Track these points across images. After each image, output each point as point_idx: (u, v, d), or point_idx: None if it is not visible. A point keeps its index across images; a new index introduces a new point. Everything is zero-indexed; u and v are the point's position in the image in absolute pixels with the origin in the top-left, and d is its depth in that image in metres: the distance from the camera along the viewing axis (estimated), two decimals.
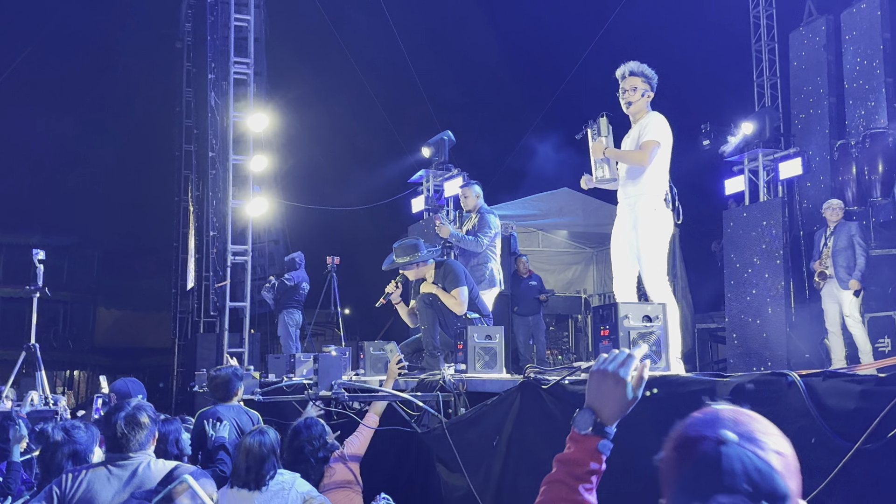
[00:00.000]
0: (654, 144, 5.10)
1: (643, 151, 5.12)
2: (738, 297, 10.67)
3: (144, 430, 3.47)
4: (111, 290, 28.11)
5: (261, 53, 13.29)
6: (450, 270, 6.43)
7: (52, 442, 3.72)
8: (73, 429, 3.80)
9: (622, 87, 5.33)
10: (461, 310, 6.31)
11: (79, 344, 26.97)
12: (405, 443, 5.50)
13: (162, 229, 21.70)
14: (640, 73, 5.31)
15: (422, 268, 6.57)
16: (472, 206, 7.78)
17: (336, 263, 11.46)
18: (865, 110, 11.60)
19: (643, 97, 5.29)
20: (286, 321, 11.70)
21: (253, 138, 11.99)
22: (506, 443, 4.14)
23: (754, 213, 10.68)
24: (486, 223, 7.54)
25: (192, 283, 18.13)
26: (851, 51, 11.83)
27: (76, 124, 21.45)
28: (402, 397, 4.99)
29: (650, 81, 5.33)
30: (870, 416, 2.19)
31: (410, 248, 6.54)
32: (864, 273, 8.62)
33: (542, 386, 3.91)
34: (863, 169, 10.01)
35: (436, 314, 6.36)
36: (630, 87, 5.29)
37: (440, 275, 6.49)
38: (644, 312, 3.63)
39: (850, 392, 2.28)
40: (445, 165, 11.69)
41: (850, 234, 8.74)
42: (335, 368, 5.33)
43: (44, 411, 6.29)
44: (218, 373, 5.71)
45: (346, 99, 16.66)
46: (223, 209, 12.64)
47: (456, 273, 6.39)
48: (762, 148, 11.18)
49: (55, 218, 24.51)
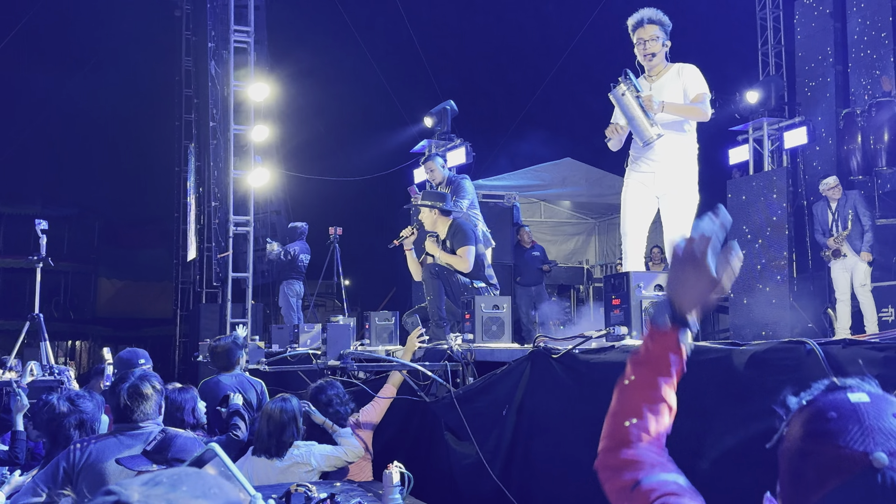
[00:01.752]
0: (708, 96, 4.78)
1: (704, 104, 4.78)
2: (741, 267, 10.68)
3: (150, 401, 3.46)
4: (112, 261, 28.10)
5: (261, 21, 13.16)
6: (460, 229, 6.44)
7: (58, 413, 3.72)
8: (78, 398, 3.79)
9: (640, 37, 4.84)
10: (465, 267, 6.29)
11: (80, 314, 27.02)
12: (410, 411, 5.51)
13: (163, 199, 21.65)
14: (657, 21, 4.84)
15: (439, 220, 6.56)
16: (440, 178, 7.75)
17: (339, 234, 11.43)
18: (871, 79, 11.51)
19: (664, 47, 4.85)
20: (286, 292, 11.70)
21: (254, 108, 11.90)
22: (516, 411, 4.15)
23: (758, 182, 10.64)
24: (461, 188, 7.52)
25: (193, 254, 18.12)
26: (856, 17, 11.70)
27: (75, 94, 21.30)
28: (411, 366, 4.99)
29: (666, 30, 4.87)
30: (891, 382, 2.17)
31: (439, 196, 6.69)
32: (872, 244, 8.62)
33: (552, 355, 3.90)
34: (868, 138, 9.96)
35: (441, 284, 6.35)
36: (650, 36, 4.81)
37: (451, 232, 6.49)
38: (657, 281, 3.61)
39: (872, 359, 2.27)
40: (448, 135, 11.64)
41: (854, 205, 8.74)
42: (343, 338, 5.33)
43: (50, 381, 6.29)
44: (218, 342, 5.74)
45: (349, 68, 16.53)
46: (225, 179, 12.59)
47: (465, 232, 6.39)
48: (767, 117, 11.12)
49: (55, 188, 24.46)
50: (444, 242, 6.51)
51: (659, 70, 4.88)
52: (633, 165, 5.10)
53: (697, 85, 4.80)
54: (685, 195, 4.90)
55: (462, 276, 6.34)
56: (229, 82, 11.88)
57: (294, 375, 7.02)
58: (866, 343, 2.37)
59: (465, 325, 5.41)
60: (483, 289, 6.35)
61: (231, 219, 11.75)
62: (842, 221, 8.77)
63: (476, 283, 6.34)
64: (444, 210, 6.55)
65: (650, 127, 4.72)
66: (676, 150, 4.90)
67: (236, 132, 11.84)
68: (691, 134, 4.96)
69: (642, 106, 4.68)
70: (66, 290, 26.65)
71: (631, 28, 4.89)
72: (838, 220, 8.83)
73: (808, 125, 10.67)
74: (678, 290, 1.50)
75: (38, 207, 22.77)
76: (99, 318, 27.38)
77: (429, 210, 6.58)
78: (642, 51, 4.85)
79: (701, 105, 4.77)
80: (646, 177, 4.98)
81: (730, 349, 2.80)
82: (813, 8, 12.38)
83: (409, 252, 6.83)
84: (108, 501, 0.95)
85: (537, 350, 4.07)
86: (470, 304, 5.35)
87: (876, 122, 9.87)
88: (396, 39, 15.57)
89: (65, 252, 24.14)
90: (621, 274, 3.78)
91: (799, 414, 1.18)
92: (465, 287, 6.29)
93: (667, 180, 4.92)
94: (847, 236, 8.73)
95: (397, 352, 5.67)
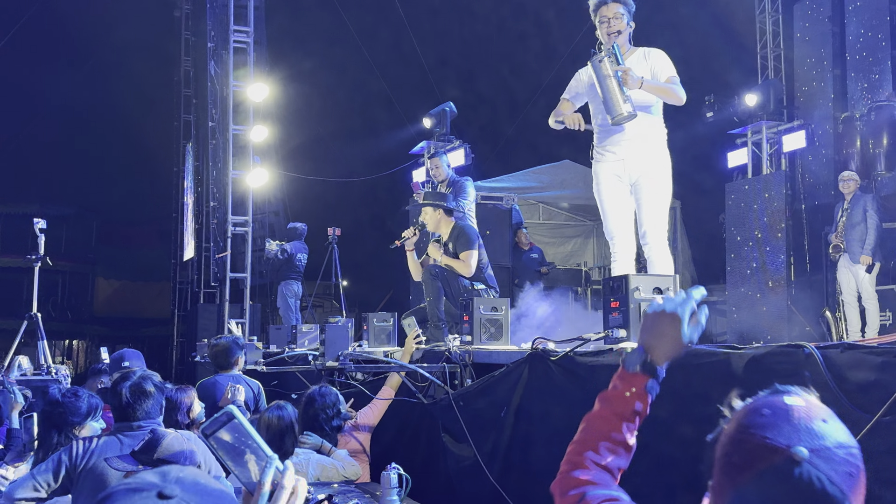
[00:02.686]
0: (677, 79, 4.54)
1: (678, 86, 4.52)
2: (739, 270, 10.69)
3: (150, 399, 3.46)
4: (110, 260, 28.08)
5: (261, 22, 13.15)
6: (463, 233, 6.43)
7: (53, 400, 3.71)
8: (74, 396, 3.76)
9: (603, 15, 4.59)
10: (467, 272, 6.29)
11: (77, 314, 26.99)
12: (408, 413, 5.52)
13: (161, 199, 21.66)
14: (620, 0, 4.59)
15: (442, 221, 6.56)
16: (443, 176, 7.76)
17: (337, 235, 11.44)
18: (869, 83, 11.53)
19: (628, 27, 4.61)
20: (284, 292, 11.69)
21: (253, 108, 11.91)
22: (514, 413, 4.15)
23: (757, 185, 10.67)
24: (463, 189, 7.53)
25: (190, 253, 18.10)
26: (855, 22, 11.73)
27: (74, 94, 21.30)
28: (409, 367, 4.99)
29: (630, 10, 4.63)
30: (889, 388, 2.18)
31: (441, 196, 6.72)
32: (874, 248, 8.50)
33: (550, 357, 3.90)
34: (867, 142, 9.99)
35: (441, 285, 6.35)
36: (613, 14, 4.56)
37: (453, 235, 6.48)
38: (655, 284, 3.61)
39: (870, 364, 2.28)
40: (447, 137, 11.66)
41: (865, 207, 8.57)
42: (342, 339, 5.33)
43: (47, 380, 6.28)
44: (218, 341, 5.73)
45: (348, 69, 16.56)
46: (223, 179, 12.59)
47: (469, 237, 6.38)
48: (766, 120, 11.14)
49: (54, 188, 24.43)
50: (447, 245, 6.51)
51: (623, 52, 4.57)
52: (600, 153, 4.82)
53: (667, 68, 4.58)
54: (658, 183, 4.65)
55: (463, 279, 6.34)
56: (228, 82, 11.89)
57: (292, 376, 7.02)
58: (864, 347, 2.37)
59: (464, 327, 5.40)
60: (483, 290, 6.35)
61: (229, 219, 11.76)
62: (847, 218, 8.68)
63: (476, 285, 6.34)
64: (447, 210, 6.56)
65: (623, 103, 4.41)
66: (647, 134, 4.64)
67: (235, 132, 11.84)
68: (660, 119, 4.72)
69: (619, 79, 4.37)
70: (63, 290, 26.61)
71: (592, 8, 4.66)
72: (844, 216, 8.74)
73: (807, 129, 10.69)
74: (650, 343, 1.63)
75: (36, 206, 22.71)
76: (96, 318, 27.34)
77: (433, 210, 6.58)
78: (606, 29, 4.57)
79: (675, 86, 4.53)
80: (616, 166, 4.72)
81: (729, 352, 2.80)
82: (812, 13, 12.40)
83: (410, 253, 6.82)
84: None
85: (535, 352, 4.07)
86: (468, 305, 5.35)
87: (874, 127, 9.90)
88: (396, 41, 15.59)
89: (62, 251, 24.09)
90: (620, 277, 3.78)
91: (739, 411, 1.26)
92: (465, 289, 6.29)
93: (638, 167, 4.66)
94: (848, 240, 8.62)
95: (395, 353, 5.67)
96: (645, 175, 4.64)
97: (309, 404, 4.59)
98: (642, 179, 4.65)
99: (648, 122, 4.62)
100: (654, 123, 4.68)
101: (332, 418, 4.55)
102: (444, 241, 6.52)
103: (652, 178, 4.64)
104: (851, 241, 8.58)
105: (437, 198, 6.68)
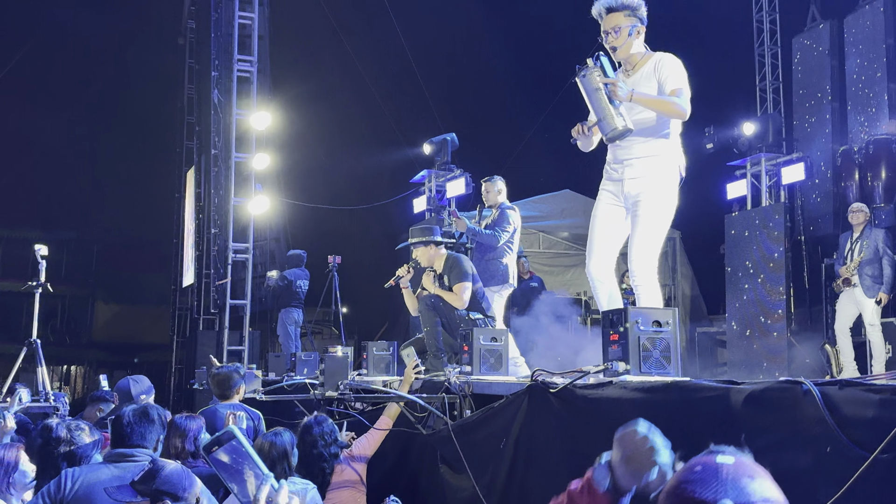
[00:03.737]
0: (686, 91, 4.15)
1: (681, 98, 4.11)
2: (738, 302, 10.70)
3: (152, 426, 3.45)
4: (110, 285, 28.05)
5: (264, 51, 13.28)
6: (456, 264, 6.45)
7: (54, 437, 3.68)
8: (77, 429, 3.73)
9: (603, 28, 4.32)
10: (460, 304, 6.31)
11: (76, 339, 26.92)
12: (407, 444, 5.50)
13: (162, 225, 21.68)
14: (619, 6, 4.25)
15: (434, 254, 6.60)
16: (494, 200, 7.68)
17: (337, 262, 11.47)
18: (866, 116, 11.62)
19: (631, 36, 4.27)
20: (284, 320, 11.70)
21: (255, 136, 11.99)
22: (513, 445, 4.14)
23: (756, 217, 10.71)
24: (505, 218, 7.46)
25: (190, 279, 18.11)
26: (854, 55, 11.85)
27: (76, 118, 21.43)
28: (408, 398, 4.99)
29: (636, 13, 4.28)
30: (887, 425, 2.19)
31: (427, 231, 6.73)
32: (891, 286, 8.31)
33: (550, 389, 3.91)
34: (866, 175, 10.04)
35: (438, 316, 6.37)
36: (611, 27, 4.28)
37: (447, 266, 6.51)
38: (654, 317, 3.63)
39: (868, 401, 2.28)
40: (448, 166, 11.72)
41: (877, 242, 8.41)
42: (341, 368, 5.33)
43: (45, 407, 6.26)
44: (220, 370, 5.71)
45: (350, 97, 16.65)
46: (225, 206, 12.63)
47: (462, 268, 6.40)
48: (765, 153, 11.21)
49: (55, 212, 24.47)
50: (441, 277, 6.53)
51: (635, 62, 4.31)
52: (605, 170, 4.53)
53: (675, 79, 4.18)
54: (651, 210, 4.28)
55: (459, 309, 6.36)
56: (231, 111, 11.97)
57: (291, 405, 7.00)
58: (862, 384, 2.38)
59: (463, 357, 5.41)
60: (480, 320, 6.36)
61: (230, 246, 11.78)
62: (862, 253, 8.57)
63: (473, 315, 6.36)
64: (437, 243, 6.60)
65: (614, 117, 4.06)
66: (649, 155, 4.30)
67: (238, 160, 11.91)
68: (672, 143, 4.34)
69: (608, 92, 4.05)
70: (62, 314, 26.58)
71: (596, 18, 4.37)
72: (854, 249, 8.65)
73: (806, 161, 10.75)
74: (620, 469, 1.65)
75: (37, 231, 22.76)
76: (95, 343, 27.27)
77: (423, 247, 6.62)
78: (606, 44, 4.32)
79: (677, 98, 4.13)
80: (615, 186, 4.43)
81: (727, 388, 2.81)
82: (811, 47, 12.52)
83: (406, 290, 6.84)
84: None
85: (535, 384, 4.08)
86: (468, 335, 5.35)
87: (872, 160, 9.95)
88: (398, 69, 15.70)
89: (63, 276, 24.11)
90: (619, 309, 3.80)
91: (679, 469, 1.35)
92: (462, 319, 6.30)
93: (634, 190, 4.32)
94: (862, 275, 8.49)
95: (395, 383, 5.67)
96: (640, 200, 4.30)
97: (306, 432, 4.59)
98: (637, 204, 4.32)
99: (652, 142, 4.29)
100: (660, 144, 4.29)
101: (329, 445, 4.55)
102: (439, 273, 6.55)
103: (645, 204, 4.28)
104: (865, 276, 8.39)
105: (424, 233, 6.71)
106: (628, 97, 4.04)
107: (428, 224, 6.95)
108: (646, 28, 4.36)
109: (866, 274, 8.42)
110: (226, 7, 13.37)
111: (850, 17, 12.07)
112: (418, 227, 6.93)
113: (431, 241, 6.59)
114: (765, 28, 13.33)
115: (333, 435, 4.61)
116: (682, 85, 4.18)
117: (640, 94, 4.11)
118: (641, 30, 4.31)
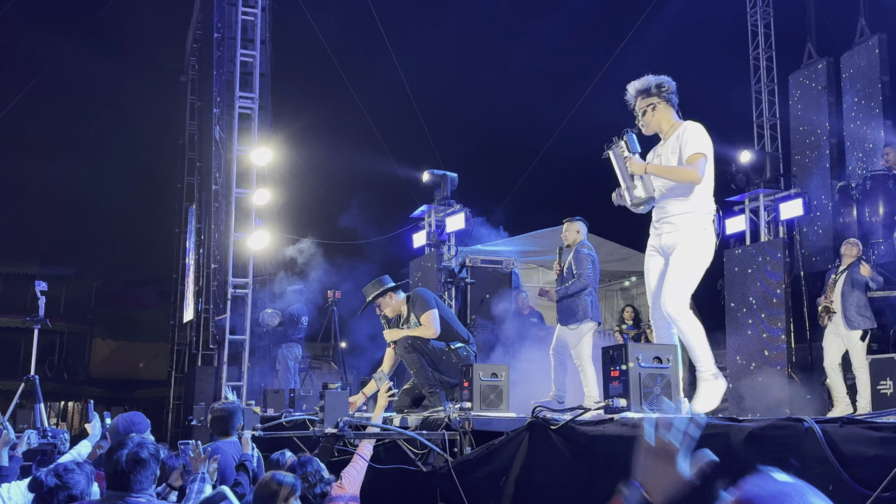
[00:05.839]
0: (702, 157, 4.50)
1: (693, 167, 4.49)
2: (738, 337, 10.67)
3: (146, 470, 3.44)
4: (108, 321, 28.01)
5: (266, 88, 13.40)
6: (418, 297, 6.64)
7: (47, 490, 3.68)
8: (67, 473, 3.74)
9: (635, 110, 4.84)
10: (432, 333, 6.41)
11: (73, 375, 26.80)
12: (408, 481, 5.46)
13: (162, 260, 21.72)
14: (646, 91, 4.76)
15: (396, 303, 6.76)
16: (572, 240, 7.80)
17: (337, 297, 11.46)
18: (863, 152, 11.70)
19: (655, 111, 4.75)
20: (286, 355, 11.66)
21: (256, 171, 12.05)
22: (513, 483, 4.11)
23: (755, 253, 10.72)
24: (580, 261, 7.55)
25: (190, 315, 18.08)
26: (850, 92, 11.96)
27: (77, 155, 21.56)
28: (408, 435, 4.96)
29: (662, 92, 4.75)
30: (889, 463, 2.19)
31: (377, 283, 6.86)
32: None
33: (550, 426, 3.89)
34: (864, 211, 10.06)
35: (420, 356, 6.41)
36: (641, 108, 4.78)
37: (411, 304, 6.68)
38: (655, 353, 3.63)
39: (869, 439, 2.28)
40: (447, 201, 11.76)
41: (864, 276, 8.35)
42: (341, 405, 5.30)
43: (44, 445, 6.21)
44: (222, 407, 5.66)
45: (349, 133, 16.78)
46: (225, 242, 12.66)
47: (424, 298, 6.58)
48: (763, 189, 11.25)
49: (55, 248, 24.52)
50: (409, 318, 6.61)
51: (666, 130, 4.75)
52: (651, 230, 4.91)
53: (693, 145, 4.56)
54: (678, 263, 4.60)
55: (435, 343, 6.40)
56: (233, 147, 12.05)
57: (289, 441, 6.95)
58: (863, 422, 2.38)
59: (463, 393, 5.39)
60: (461, 348, 6.43)
61: (230, 281, 11.79)
62: (843, 283, 8.53)
63: (453, 345, 6.41)
64: (394, 289, 6.78)
65: (635, 188, 4.65)
66: (683, 213, 4.66)
67: (238, 195, 11.96)
68: (698, 200, 4.65)
69: (626, 167, 4.65)
70: (60, 350, 26.49)
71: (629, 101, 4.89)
72: (838, 280, 8.61)
73: (804, 197, 10.78)
74: (648, 481, 1.62)
75: (36, 267, 22.78)
76: (92, 379, 27.15)
77: (385, 298, 6.75)
78: (639, 122, 4.81)
79: (690, 166, 4.50)
80: (655, 240, 4.82)
81: (728, 425, 2.81)
82: (808, 84, 12.64)
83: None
84: None
85: (536, 420, 4.06)
86: (468, 371, 5.34)
87: (870, 196, 9.99)
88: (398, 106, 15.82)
89: (61, 311, 24.09)
90: (619, 345, 3.80)
91: None
92: (443, 351, 6.34)
93: (669, 242, 4.70)
94: (845, 306, 8.46)
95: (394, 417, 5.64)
96: (675, 249, 4.67)
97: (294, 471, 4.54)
98: (672, 253, 4.69)
99: (682, 200, 4.65)
100: (691, 202, 4.64)
101: (314, 486, 4.49)
102: (405, 316, 6.64)
103: (679, 251, 4.64)
104: (848, 307, 8.40)
105: (377, 287, 6.84)
106: (642, 170, 4.59)
107: (377, 278, 7.04)
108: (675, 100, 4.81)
109: (851, 305, 8.38)
110: (228, 45, 13.53)
111: (846, 55, 12.21)
112: (369, 285, 6.98)
113: (386, 290, 6.73)
114: (761, 65, 13.45)
115: (319, 474, 4.54)
116: (700, 149, 4.56)
117: (654, 166, 4.63)
118: (667, 104, 4.76)
